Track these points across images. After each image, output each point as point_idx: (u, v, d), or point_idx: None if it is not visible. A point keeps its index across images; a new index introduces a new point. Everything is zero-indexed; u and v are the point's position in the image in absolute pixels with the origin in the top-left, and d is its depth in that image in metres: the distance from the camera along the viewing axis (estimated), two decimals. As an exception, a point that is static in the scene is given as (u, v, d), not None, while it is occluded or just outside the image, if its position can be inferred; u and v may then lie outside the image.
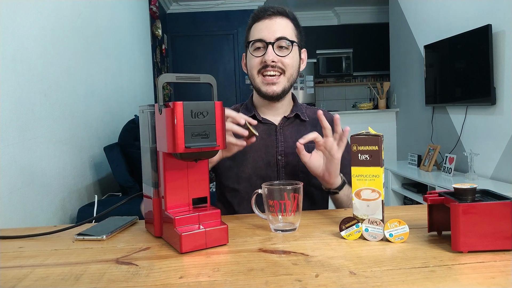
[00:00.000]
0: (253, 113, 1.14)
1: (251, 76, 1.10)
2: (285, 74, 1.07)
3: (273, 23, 1.06)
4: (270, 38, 1.05)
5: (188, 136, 0.66)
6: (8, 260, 0.68)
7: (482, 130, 2.64)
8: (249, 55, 1.09)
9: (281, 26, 1.07)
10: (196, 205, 0.74)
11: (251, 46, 1.08)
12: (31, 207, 1.52)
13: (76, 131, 1.98)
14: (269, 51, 1.04)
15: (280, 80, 1.07)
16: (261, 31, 1.06)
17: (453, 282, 0.54)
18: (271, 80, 1.06)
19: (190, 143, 0.66)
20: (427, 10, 3.28)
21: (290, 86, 1.10)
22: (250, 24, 1.11)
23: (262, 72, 1.07)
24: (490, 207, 0.62)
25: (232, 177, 1.10)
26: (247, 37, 1.12)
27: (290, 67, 1.07)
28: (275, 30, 1.05)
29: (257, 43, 1.07)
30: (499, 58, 2.43)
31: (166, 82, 0.72)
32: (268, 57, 1.04)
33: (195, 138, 0.67)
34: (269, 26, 1.06)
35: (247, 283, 0.55)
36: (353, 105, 5.43)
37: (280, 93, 1.07)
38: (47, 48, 1.72)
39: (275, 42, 1.05)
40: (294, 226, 0.79)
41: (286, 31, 1.07)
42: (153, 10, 3.94)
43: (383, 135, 0.78)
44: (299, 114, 1.15)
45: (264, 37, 1.05)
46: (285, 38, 1.05)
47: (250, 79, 1.11)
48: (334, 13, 5.76)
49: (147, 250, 0.71)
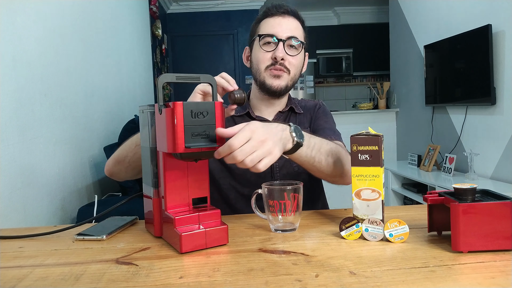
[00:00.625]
0: (247, 110, 1.15)
1: (256, 70, 1.09)
2: (290, 73, 1.08)
3: (286, 21, 1.07)
4: (282, 35, 1.05)
5: (188, 136, 0.66)
6: (8, 260, 0.68)
7: (482, 130, 2.64)
8: (257, 49, 1.09)
9: (293, 26, 1.08)
10: (196, 205, 0.74)
11: (261, 40, 1.07)
12: (31, 207, 1.52)
13: (76, 131, 1.98)
14: (279, 47, 1.04)
15: (284, 76, 1.07)
16: (273, 27, 1.06)
17: (453, 282, 0.54)
18: (277, 73, 1.06)
19: (190, 143, 0.66)
20: (427, 10, 3.28)
21: (291, 86, 1.11)
22: (260, 18, 1.11)
23: (270, 68, 1.07)
24: (490, 207, 0.62)
25: (225, 171, 1.10)
26: (256, 31, 1.11)
27: (295, 68, 1.09)
28: (287, 28, 1.06)
29: (267, 38, 1.06)
30: (499, 58, 2.43)
31: (166, 82, 0.72)
32: (279, 54, 1.04)
33: (195, 138, 0.67)
34: (282, 23, 1.07)
35: (247, 283, 0.55)
36: (353, 105, 5.42)
37: (283, 88, 1.08)
38: (47, 48, 1.72)
39: (287, 40, 1.05)
40: (294, 226, 0.79)
41: (297, 32, 1.08)
42: (153, 10, 3.94)
43: (383, 135, 0.78)
44: (293, 107, 1.16)
45: (277, 33, 1.05)
46: (297, 38, 1.06)
47: (255, 72, 1.10)
48: (334, 13, 5.76)
49: (147, 250, 0.71)
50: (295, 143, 0.79)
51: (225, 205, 1.11)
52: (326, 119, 1.17)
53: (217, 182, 1.11)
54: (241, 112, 1.15)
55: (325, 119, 1.17)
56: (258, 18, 1.12)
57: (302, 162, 0.86)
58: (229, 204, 1.11)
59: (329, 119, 1.18)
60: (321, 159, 0.88)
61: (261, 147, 0.68)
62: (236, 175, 1.09)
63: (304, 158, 0.85)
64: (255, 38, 1.10)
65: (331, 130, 1.12)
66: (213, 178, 1.12)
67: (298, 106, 1.18)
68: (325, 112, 1.20)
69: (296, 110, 1.16)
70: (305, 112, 1.18)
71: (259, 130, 0.69)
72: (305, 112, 1.18)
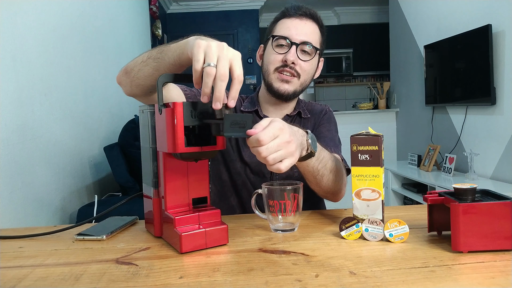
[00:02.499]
0: (256, 108, 1.13)
1: (266, 70, 1.08)
2: (300, 78, 1.05)
3: (303, 24, 1.04)
4: (296, 39, 1.02)
5: (227, 126, 0.65)
6: (8, 260, 0.68)
7: (482, 130, 2.64)
8: (270, 49, 1.06)
9: (310, 30, 1.05)
10: (196, 205, 0.74)
11: (274, 41, 1.05)
12: (31, 207, 1.52)
13: (76, 131, 1.98)
14: (292, 51, 1.02)
15: (294, 81, 1.05)
16: (288, 29, 1.04)
17: (453, 282, 0.54)
18: (286, 78, 1.04)
19: (228, 132, 0.65)
20: (427, 10, 3.28)
21: (301, 91, 1.09)
22: (278, 17, 1.08)
23: (279, 70, 1.04)
24: (490, 207, 0.62)
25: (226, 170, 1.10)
26: (271, 30, 1.09)
27: (306, 73, 1.06)
28: (303, 32, 1.03)
29: (281, 40, 1.04)
30: (499, 58, 2.43)
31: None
32: (290, 57, 1.01)
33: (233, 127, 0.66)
34: (298, 26, 1.04)
35: (247, 283, 0.55)
36: (353, 105, 5.43)
37: (291, 93, 1.06)
38: (47, 48, 1.72)
39: (300, 44, 1.03)
40: (294, 226, 0.79)
41: (313, 36, 1.05)
42: (153, 10, 3.94)
43: (383, 135, 0.78)
44: (300, 112, 1.15)
45: (291, 36, 1.03)
46: (311, 43, 1.03)
47: (264, 73, 1.09)
48: (334, 13, 5.76)
49: (147, 250, 0.71)
50: (309, 151, 0.79)
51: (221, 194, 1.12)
52: (329, 127, 1.15)
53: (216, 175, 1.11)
54: (250, 108, 1.14)
55: (328, 127, 1.14)
56: (276, 17, 1.09)
57: (307, 171, 0.86)
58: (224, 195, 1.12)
59: (332, 127, 1.16)
60: (324, 174, 0.88)
61: (286, 148, 0.68)
62: None
63: (310, 169, 0.84)
64: (269, 38, 1.07)
65: (332, 140, 1.10)
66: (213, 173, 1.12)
67: (305, 110, 1.16)
68: (330, 119, 1.17)
69: (303, 115, 1.14)
70: (311, 117, 1.16)
71: (287, 130, 0.69)
72: (311, 117, 1.16)
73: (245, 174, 1.09)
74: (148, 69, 0.82)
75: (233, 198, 1.10)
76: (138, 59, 0.86)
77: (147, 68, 0.83)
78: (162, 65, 0.79)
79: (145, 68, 0.83)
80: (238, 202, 1.10)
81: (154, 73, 0.82)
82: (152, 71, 0.82)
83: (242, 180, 1.09)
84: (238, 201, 1.10)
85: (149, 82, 0.85)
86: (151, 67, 0.82)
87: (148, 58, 0.83)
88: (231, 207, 1.10)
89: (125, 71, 0.91)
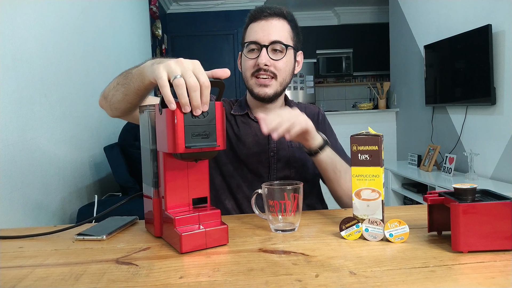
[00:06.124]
0: (246, 111, 1.15)
1: (245, 77, 1.10)
2: (277, 78, 1.06)
3: (269, 25, 1.04)
4: (265, 40, 1.03)
5: (188, 136, 0.66)
6: (8, 260, 0.68)
7: (482, 130, 2.64)
8: (244, 56, 1.09)
9: (277, 29, 1.05)
10: (196, 205, 0.74)
11: (246, 47, 1.07)
12: (31, 207, 1.52)
13: (76, 131, 1.98)
14: (262, 54, 1.03)
15: (272, 83, 1.06)
16: (256, 33, 1.05)
17: (453, 282, 0.54)
18: (263, 82, 1.05)
19: (190, 143, 0.66)
20: (427, 10, 3.28)
21: (282, 90, 1.10)
22: (247, 23, 1.10)
23: (255, 75, 1.06)
24: (490, 207, 0.62)
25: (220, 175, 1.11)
26: (243, 37, 1.11)
27: (282, 72, 1.06)
28: (270, 32, 1.04)
29: (251, 45, 1.05)
30: (499, 58, 2.43)
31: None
32: (261, 61, 1.03)
33: (195, 138, 0.67)
34: (265, 28, 1.04)
35: (247, 283, 0.55)
36: (353, 105, 5.43)
37: (272, 96, 1.07)
38: (47, 48, 1.72)
39: (269, 45, 1.03)
40: (294, 226, 0.79)
41: (281, 34, 1.05)
42: (153, 10, 3.94)
43: (383, 135, 0.78)
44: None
45: (259, 40, 1.04)
46: (280, 42, 1.04)
47: (244, 80, 1.11)
48: (334, 13, 5.76)
49: (147, 250, 0.71)
50: (324, 139, 0.95)
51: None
52: (330, 134, 1.16)
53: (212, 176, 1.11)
54: (240, 112, 1.15)
55: (330, 134, 1.15)
56: (246, 23, 1.11)
57: (327, 165, 0.97)
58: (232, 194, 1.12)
59: (332, 133, 1.18)
60: (342, 170, 0.98)
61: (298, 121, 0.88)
62: None
63: (329, 160, 0.96)
64: (243, 46, 1.10)
65: (336, 148, 1.08)
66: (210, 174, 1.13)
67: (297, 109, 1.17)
68: (328, 125, 1.19)
69: None
70: None
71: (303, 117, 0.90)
72: None
73: (241, 174, 1.09)
74: (119, 94, 0.87)
75: (228, 201, 1.10)
76: (111, 85, 0.91)
77: (118, 93, 0.88)
78: (129, 90, 0.84)
79: (117, 94, 0.88)
80: (234, 204, 1.10)
81: (124, 98, 0.87)
82: (122, 96, 0.87)
83: (237, 183, 1.09)
84: (233, 204, 1.10)
85: (124, 105, 0.90)
86: (121, 92, 0.87)
87: (117, 84, 0.88)
88: (227, 210, 1.10)
89: (103, 96, 0.96)
